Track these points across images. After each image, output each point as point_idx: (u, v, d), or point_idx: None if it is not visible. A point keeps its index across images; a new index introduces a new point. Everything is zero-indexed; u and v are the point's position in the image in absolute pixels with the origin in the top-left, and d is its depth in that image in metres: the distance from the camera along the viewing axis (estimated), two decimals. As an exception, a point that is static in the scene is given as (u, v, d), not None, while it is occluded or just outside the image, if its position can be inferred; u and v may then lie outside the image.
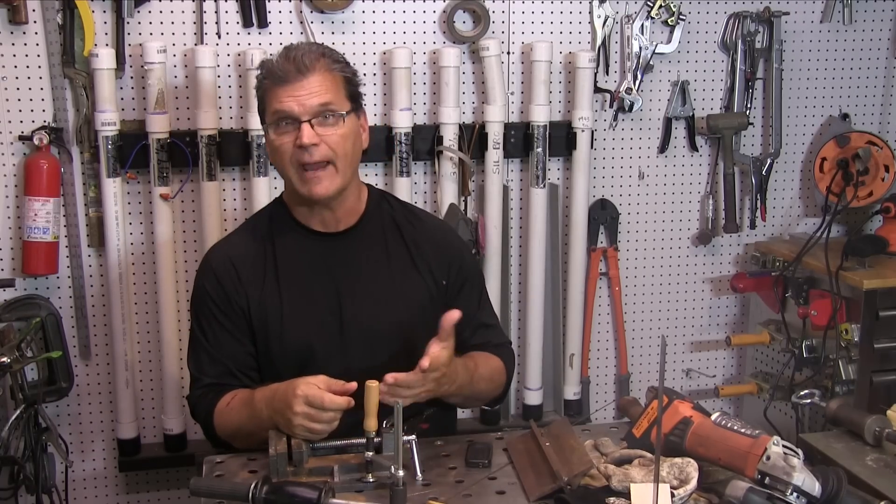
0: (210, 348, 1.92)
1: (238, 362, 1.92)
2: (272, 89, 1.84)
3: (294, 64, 1.82)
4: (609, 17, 2.79)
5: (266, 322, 1.91)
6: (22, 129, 2.51)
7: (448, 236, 2.11)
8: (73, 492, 2.70)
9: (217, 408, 1.87)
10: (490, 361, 1.99)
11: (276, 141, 1.85)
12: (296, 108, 1.81)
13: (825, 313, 2.65)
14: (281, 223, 1.97)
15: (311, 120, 1.82)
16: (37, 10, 2.46)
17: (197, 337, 1.94)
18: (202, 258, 2.03)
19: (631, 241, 2.99)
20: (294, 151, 1.83)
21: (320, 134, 1.82)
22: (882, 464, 1.76)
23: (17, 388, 2.36)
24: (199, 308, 1.95)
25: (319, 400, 1.64)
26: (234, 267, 1.92)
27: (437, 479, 1.71)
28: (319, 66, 1.84)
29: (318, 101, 1.82)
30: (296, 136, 1.82)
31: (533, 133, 2.74)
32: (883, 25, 3.03)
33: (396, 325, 1.94)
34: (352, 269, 1.95)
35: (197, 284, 1.97)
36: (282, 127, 1.84)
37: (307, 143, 1.80)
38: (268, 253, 1.95)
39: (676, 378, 3.11)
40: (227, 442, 1.90)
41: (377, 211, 2.01)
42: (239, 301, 1.91)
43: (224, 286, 1.92)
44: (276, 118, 1.84)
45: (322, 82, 1.83)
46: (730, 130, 2.92)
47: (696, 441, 1.64)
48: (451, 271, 2.01)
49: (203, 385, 1.91)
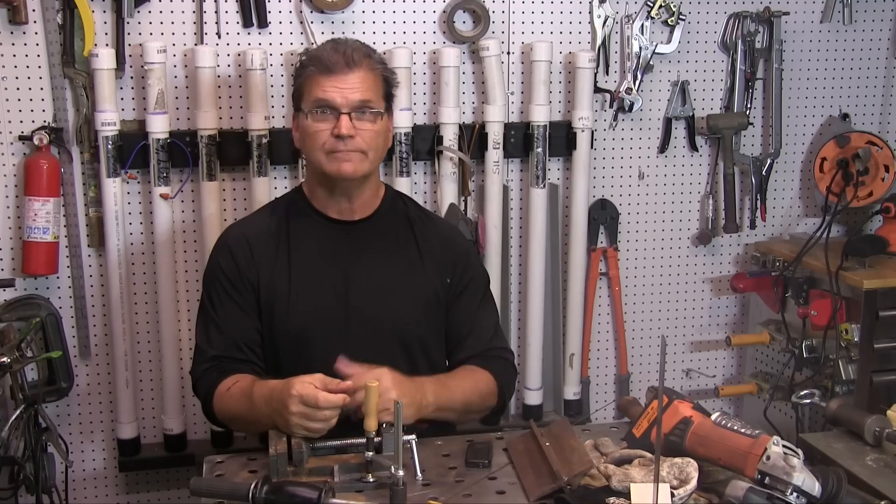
0: (219, 320, 1.97)
1: (245, 336, 1.97)
2: (316, 77, 1.92)
3: (343, 57, 1.91)
4: (609, 17, 2.79)
5: (273, 300, 1.97)
6: (22, 129, 2.51)
7: (456, 237, 2.18)
8: (73, 492, 2.69)
9: (218, 390, 1.90)
10: (475, 374, 1.99)
11: (312, 126, 1.92)
12: (338, 99, 1.90)
13: (825, 313, 2.65)
14: (298, 208, 2.05)
15: (350, 112, 1.89)
16: (37, 10, 2.46)
17: (207, 310, 1.99)
18: (219, 236, 2.09)
19: (631, 241, 2.99)
20: (328, 139, 1.90)
21: (356, 127, 1.90)
22: (882, 464, 1.76)
23: (17, 388, 2.36)
24: (211, 282, 2.00)
25: (314, 399, 1.65)
26: (249, 244, 1.99)
27: (437, 479, 1.71)
28: (366, 63, 1.93)
29: (359, 96, 1.90)
30: (333, 124, 1.90)
31: (533, 133, 2.74)
32: (883, 25, 3.03)
33: (400, 319, 1.99)
34: (362, 257, 2.00)
35: (211, 260, 2.03)
36: (320, 114, 1.91)
37: (345, 133, 1.89)
38: (282, 234, 2.01)
39: (676, 378, 3.11)
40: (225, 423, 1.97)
41: (391, 208, 2.08)
42: (250, 277, 1.97)
43: (237, 261, 1.98)
44: (316, 105, 1.91)
45: (365, 79, 1.92)
46: (730, 130, 2.92)
47: (696, 441, 1.64)
48: (455, 271, 2.06)
49: (208, 357, 1.95)
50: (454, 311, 2.05)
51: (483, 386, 1.98)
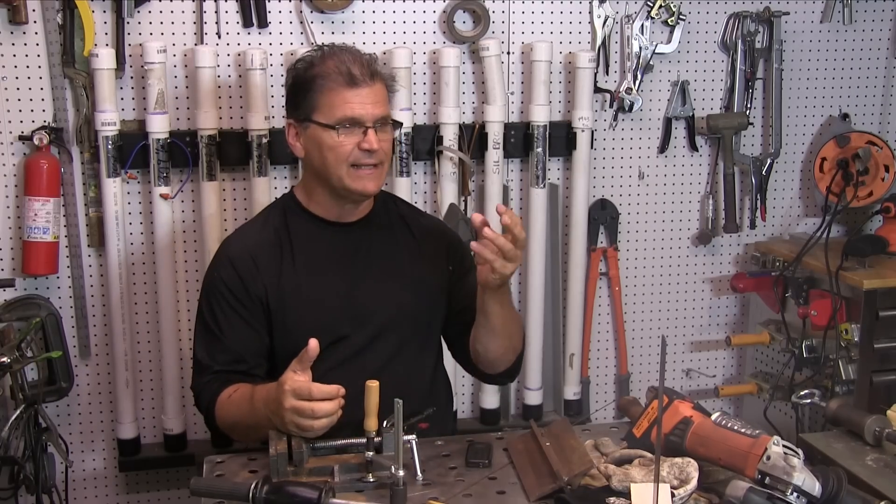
0: (222, 336, 1.94)
1: (250, 350, 1.95)
2: (338, 90, 1.90)
3: (367, 69, 1.91)
4: (609, 17, 2.79)
5: (285, 307, 1.95)
6: (22, 129, 2.51)
7: (444, 228, 2.23)
8: (73, 492, 2.69)
9: (219, 399, 1.89)
10: None
11: (335, 141, 1.91)
12: (366, 115, 1.91)
13: (825, 313, 2.65)
14: (294, 214, 2.04)
15: (374, 126, 1.91)
16: (37, 10, 2.46)
17: (209, 326, 1.96)
18: (217, 249, 2.06)
19: (631, 241, 2.99)
20: (354, 152, 1.91)
21: (379, 139, 1.92)
22: (882, 464, 1.76)
23: (17, 388, 2.36)
24: (214, 297, 1.97)
25: (307, 391, 1.64)
26: (251, 256, 1.97)
27: (437, 479, 1.71)
28: (380, 75, 1.95)
29: (382, 111, 1.93)
30: (359, 139, 1.90)
31: (533, 133, 2.74)
32: (883, 25, 3.03)
33: (410, 314, 2.01)
34: (365, 256, 2.01)
35: (211, 275, 2.00)
36: (346, 129, 1.91)
37: (375, 148, 1.90)
38: (283, 241, 2.00)
39: (676, 378, 3.11)
40: (227, 434, 1.94)
41: (385, 207, 2.10)
42: (256, 290, 1.95)
43: (241, 275, 1.95)
44: (344, 120, 1.90)
45: (384, 92, 1.96)
46: (730, 130, 2.92)
47: (696, 441, 1.64)
48: (455, 256, 2.09)
49: (211, 372, 1.93)
50: (462, 294, 2.04)
51: (520, 319, 2.07)
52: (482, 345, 1.98)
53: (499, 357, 2.00)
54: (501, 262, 1.77)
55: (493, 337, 1.95)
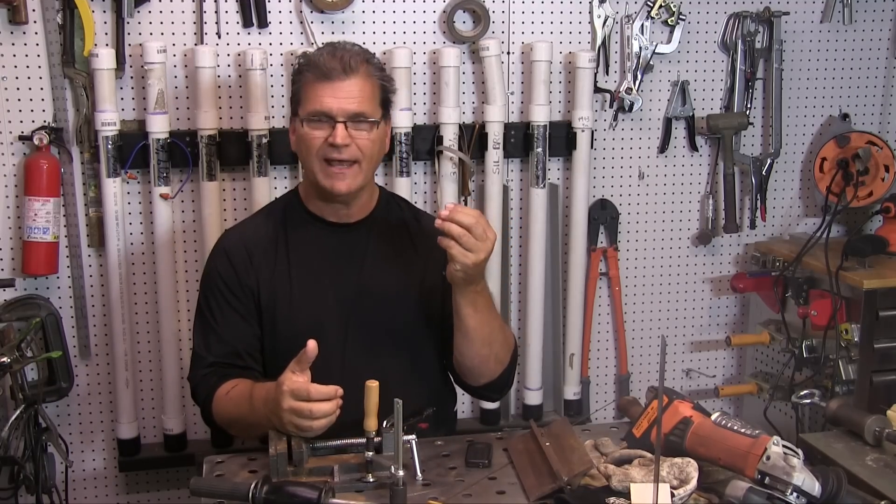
0: (218, 328, 1.95)
1: (244, 343, 1.96)
2: (313, 83, 1.90)
3: (340, 62, 1.88)
4: (609, 17, 2.79)
5: (275, 304, 1.96)
6: (22, 129, 2.51)
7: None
8: (73, 492, 2.69)
9: (217, 394, 1.90)
10: None
11: (307, 134, 1.90)
12: (334, 108, 1.88)
13: (825, 313, 2.65)
14: (294, 213, 2.03)
15: (346, 121, 1.88)
16: (37, 10, 2.46)
17: (205, 317, 1.98)
18: (215, 242, 2.07)
19: (631, 241, 2.99)
20: (323, 146, 1.89)
21: (352, 135, 1.88)
22: (882, 464, 1.76)
23: (17, 388, 2.36)
24: (209, 289, 1.99)
25: (305, 391, 1.64)
26: (247, 250, 1.98)
27: (437, 479, 1.71)
28: (363, 70, 1.90)
29: (355, 107, 1.89)
30: (329, 132, 1.88)
31: (533, 133, 2.74)
32: (883, 25, 3.03)
33: (401, 319, 1.99)
34: (361, 259, 2.00)
35: (208, 266, 2.02)
36: (315, 122, 1.89)
37: (340, 143, 1.87)
38: (280, 239, 2.00)
39: (676, 378, 3.11)
40: (224, 428, 1.95)
41: (386, 209, 2.08)
42: (249, 283, 1.96)
43: (235, 267, 1.96)
44: (312, 113, 1.89)
45: (362, 87, 1.90)
46: (730, 130, 2.92)
47: (696, 441, 1.64)
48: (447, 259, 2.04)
49: (207, 364, 1.94)
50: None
51: (508, 333, 2.00)
52: (458, 350, 1.94)
53: (477, 366, 1.95)
54: (459, 250, 1.75)
55: (468, 342, 1.91)
